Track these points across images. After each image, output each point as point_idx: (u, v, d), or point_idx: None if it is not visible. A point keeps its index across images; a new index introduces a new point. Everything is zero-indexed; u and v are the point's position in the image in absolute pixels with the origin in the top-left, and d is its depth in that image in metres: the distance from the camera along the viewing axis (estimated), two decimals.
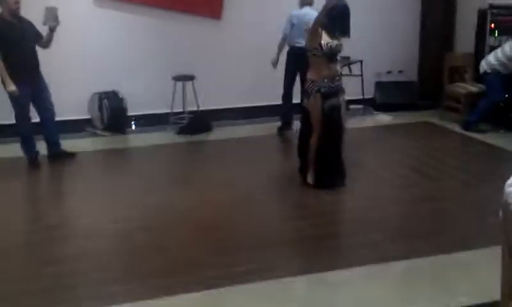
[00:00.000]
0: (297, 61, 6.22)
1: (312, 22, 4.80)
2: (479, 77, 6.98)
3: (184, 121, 7.07)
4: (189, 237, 3.97)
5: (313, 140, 4.75)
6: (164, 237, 3.93)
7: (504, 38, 7.08)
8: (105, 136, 6.86)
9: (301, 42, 5.93)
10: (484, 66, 6.65)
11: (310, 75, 4.76)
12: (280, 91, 6.77)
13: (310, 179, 4.85)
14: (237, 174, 5.36)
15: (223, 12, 7.42)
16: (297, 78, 6.58)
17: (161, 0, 7.19)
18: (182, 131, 6.92)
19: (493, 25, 7.08)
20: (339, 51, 4.74)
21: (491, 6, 7.26)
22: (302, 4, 6.43)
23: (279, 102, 6.86)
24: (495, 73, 6.49)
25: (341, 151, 4.87)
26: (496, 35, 7.04)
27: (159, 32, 7.26)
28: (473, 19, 7.37)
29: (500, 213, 2.06)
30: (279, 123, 6.91)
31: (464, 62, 7.46)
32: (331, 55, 4.65)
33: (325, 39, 4.59)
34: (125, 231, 4.06)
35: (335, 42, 4.63)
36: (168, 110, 7.11)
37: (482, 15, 7.31)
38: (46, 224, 4.24)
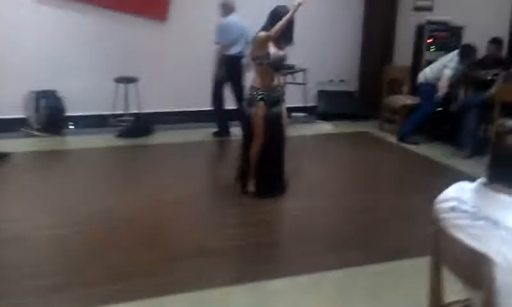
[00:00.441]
0: (229, 70, 6.30)
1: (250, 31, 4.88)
2: (415, 90, 7.25)
3: (125, 124, 6.93)
4: (126, 245, 3.89)
5: (254, 148, 4.77)
6: (100, 244, 3.84)
7: (441, 52, 7.39)
8: (42, 137, 6.63)
9: (234, 51, 6.02)
10: (420, 77, 6.92)
11: (254, 83, 4.78)
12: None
13: (250, 187, 4.87)
14: (176, 180, 5.31)
15: (169, 14, 7.35)
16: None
17: (105, 0, 7.04)
18: (122, 134, 6.78)
19: (430, 40, 7.37)
20: (284, 61, 4.81)
21: (429, 22, 7.57)
22: (227, 12, 6.48)
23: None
24: (430, 84, 6.76)
25: (282, 160, 4.92)
26: (433, 50, 7.33)
27: (102, 32, 7.10)
28: (412, 34, 7.65)
29: (430, 228, 2.14)
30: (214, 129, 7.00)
31: (402, 75, 7.72)
32: (277, 65, 4.70)
33: (272, 49, 4.63)
34: (59, 238, 3.93)
35: (282, 52, 4.69)
36: (109, 112, 6.97)
37: (420, 30, 7.60)
38: None
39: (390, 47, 8.33)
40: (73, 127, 6.95)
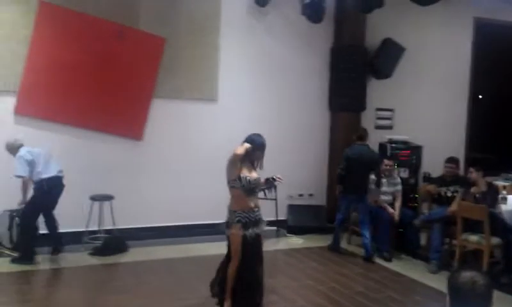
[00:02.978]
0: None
1: None
2: None
3: (99, 241, 6.95)
4: None
5: (231, 269, 4.86)
6: None
7: (402, 169, 7.86)
8: (14, 256, 6.54)
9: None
10: None
11: (230, 206, 4.96)
12: (198, 210, 7.00)
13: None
14: (151, 302, 5.29)
15: (144, 133, 7.63)
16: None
17: (82, 120, 7.27)
18: (95, 252, 6.77)
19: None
20: (257, 185, 5.02)
21: (390, 141, 8.10)
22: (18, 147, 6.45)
23: (198, 221, 7.10)
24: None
25: (261, 280, 4.99)
26: (395, 166, 7.78)
27: (78, 151, 7.27)
28: (375, 151, 8.11)
29: None
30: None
31: None
32: (250, 188, 4.92)
33: (244, 172, 4.87)
34: None
35: (253, 176, 4.92)
36: (83, 229, 7.00)
37: (382, 148, 8.10)
38: None
39: None
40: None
